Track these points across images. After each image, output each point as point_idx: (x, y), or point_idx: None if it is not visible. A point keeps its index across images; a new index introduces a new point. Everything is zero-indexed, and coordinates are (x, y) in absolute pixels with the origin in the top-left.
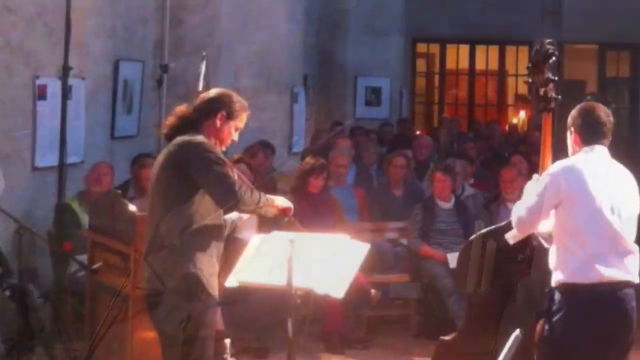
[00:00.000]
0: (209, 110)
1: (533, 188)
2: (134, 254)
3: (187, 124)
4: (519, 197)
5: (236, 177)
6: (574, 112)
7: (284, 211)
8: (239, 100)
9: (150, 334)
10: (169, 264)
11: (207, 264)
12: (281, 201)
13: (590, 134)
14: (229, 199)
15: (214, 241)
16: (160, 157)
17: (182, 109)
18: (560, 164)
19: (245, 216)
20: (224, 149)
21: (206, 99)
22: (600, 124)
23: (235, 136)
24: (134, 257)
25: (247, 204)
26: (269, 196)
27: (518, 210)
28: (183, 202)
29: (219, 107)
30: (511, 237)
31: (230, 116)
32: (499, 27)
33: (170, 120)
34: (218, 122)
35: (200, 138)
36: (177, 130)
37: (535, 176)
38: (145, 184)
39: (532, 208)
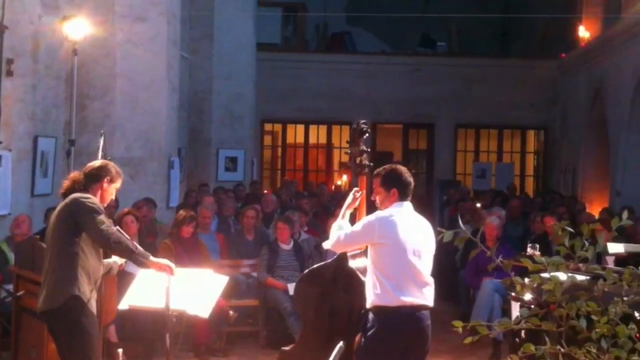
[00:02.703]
0: (97, 177)
1: (344, 224)
2: None
3: (78, 187)
4: None
5: (114, 228)
6: (387, 174)
7: (163, 269)
8: (117, 170)
9: None
10: (58, 287)
11: (87, 290)
12: (163, 261)
13: (401, 193)
14: (103, 239)
15: (93, 274)
16: (57, 209)
17: (75, 175)
18: (377, 214)
19: (120, 261)
20: (105, 205)
21: (94, 168)
22: (408, 184)
23: (113, 195)
24: None
25: (119, 245)
26: (148, 255)
27: (339, 233)
28: (71, 242)
29: (104, 174)
30: (326, 245)
31: (112, 181)
32: (327, 111)
33: (65, 183)
34: (104, 185)
35: (87, 194)
36: (70, 190)
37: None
38: None
39: (347, 238)
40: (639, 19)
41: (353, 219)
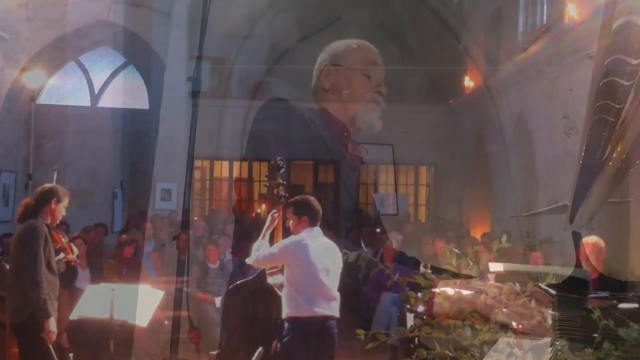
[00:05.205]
0: (45, 200)
1: (263, 244)
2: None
3: (30, 210)
4: None
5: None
6: (299, 204)
7: (48, 331)
8: (63, 190)
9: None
10: (21, 304)
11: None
12: (52, 328)
13: (311, 219)
14: (26, 281)
15: (50, 289)
16: (14, 235)
17: (27, 200)
18: (292, 239)
19: (61, 256)
20: (57, 222)
21: (42, 192)
22: (317, 212)
23: (63, 212)
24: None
25: (35, 295)
26: (50, 316)
27: (259, 252)
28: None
29: (51, 196)
30: (249, 261)
31: (59, 201)
32: (248, 149)
33: (19, 209)
34: (53, 206)
35: (33, 227)
36: (24, 215)
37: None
38: None
39: (267, 257)
40: (516, 70)
41: (271, 239)
